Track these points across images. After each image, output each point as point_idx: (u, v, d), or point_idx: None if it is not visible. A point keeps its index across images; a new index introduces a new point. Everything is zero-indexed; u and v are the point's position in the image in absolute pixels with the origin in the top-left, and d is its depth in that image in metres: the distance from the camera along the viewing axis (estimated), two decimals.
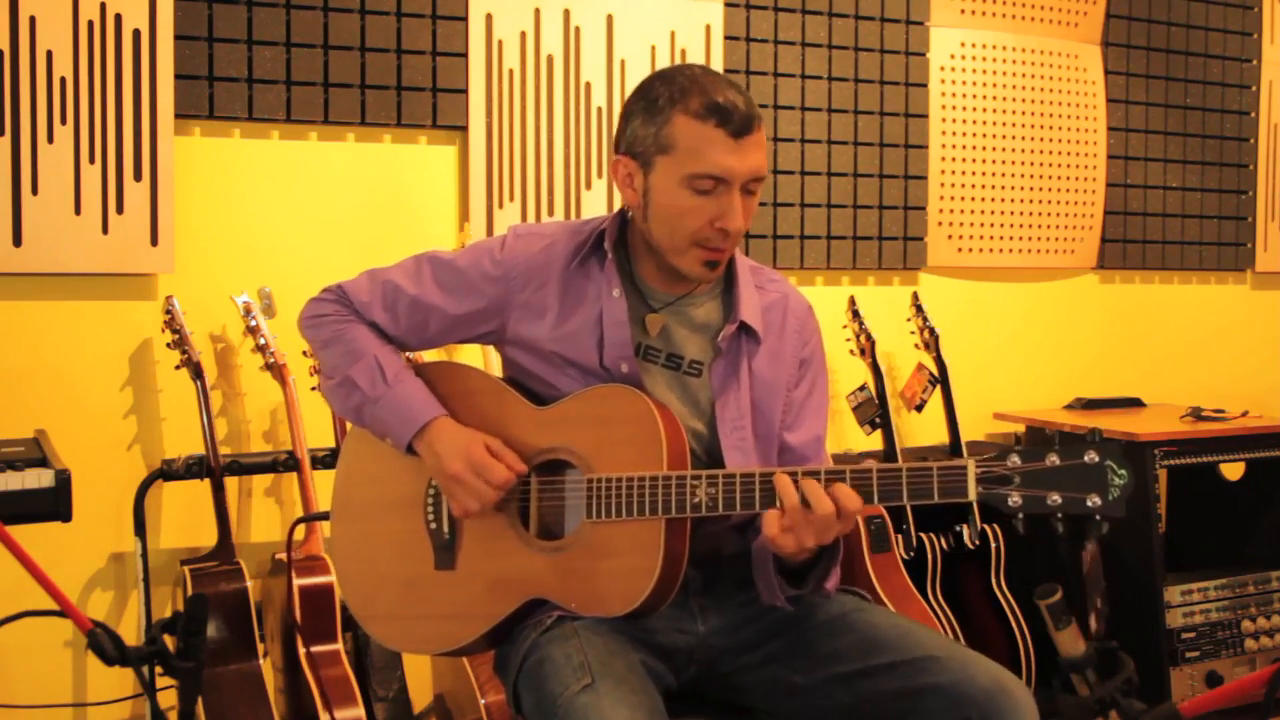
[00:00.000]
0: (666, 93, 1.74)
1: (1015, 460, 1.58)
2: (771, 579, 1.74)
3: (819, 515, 1.59)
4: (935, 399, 3.45)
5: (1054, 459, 1.57)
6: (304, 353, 2.89)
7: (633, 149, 1.78)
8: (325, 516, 2.00)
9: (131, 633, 2.92)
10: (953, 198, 3.79)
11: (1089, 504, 1.55)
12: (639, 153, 1.77)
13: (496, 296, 1.87)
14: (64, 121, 2.79)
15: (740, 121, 1.71)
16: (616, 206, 2.18)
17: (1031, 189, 3.90)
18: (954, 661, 1.67)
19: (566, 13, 3.27)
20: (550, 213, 3.28)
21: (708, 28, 3.43)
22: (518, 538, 1.80)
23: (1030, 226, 3.92)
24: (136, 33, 2.84)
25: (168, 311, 2.83)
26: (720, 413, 1.83)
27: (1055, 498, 1.57)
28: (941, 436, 3.48)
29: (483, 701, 2.68)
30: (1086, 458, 1.56)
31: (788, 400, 1.90)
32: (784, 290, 1.95)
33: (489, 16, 3.19)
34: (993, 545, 3.40)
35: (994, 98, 3.82)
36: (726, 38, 3.46)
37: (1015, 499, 1.58)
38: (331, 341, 1.90)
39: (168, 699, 2.17)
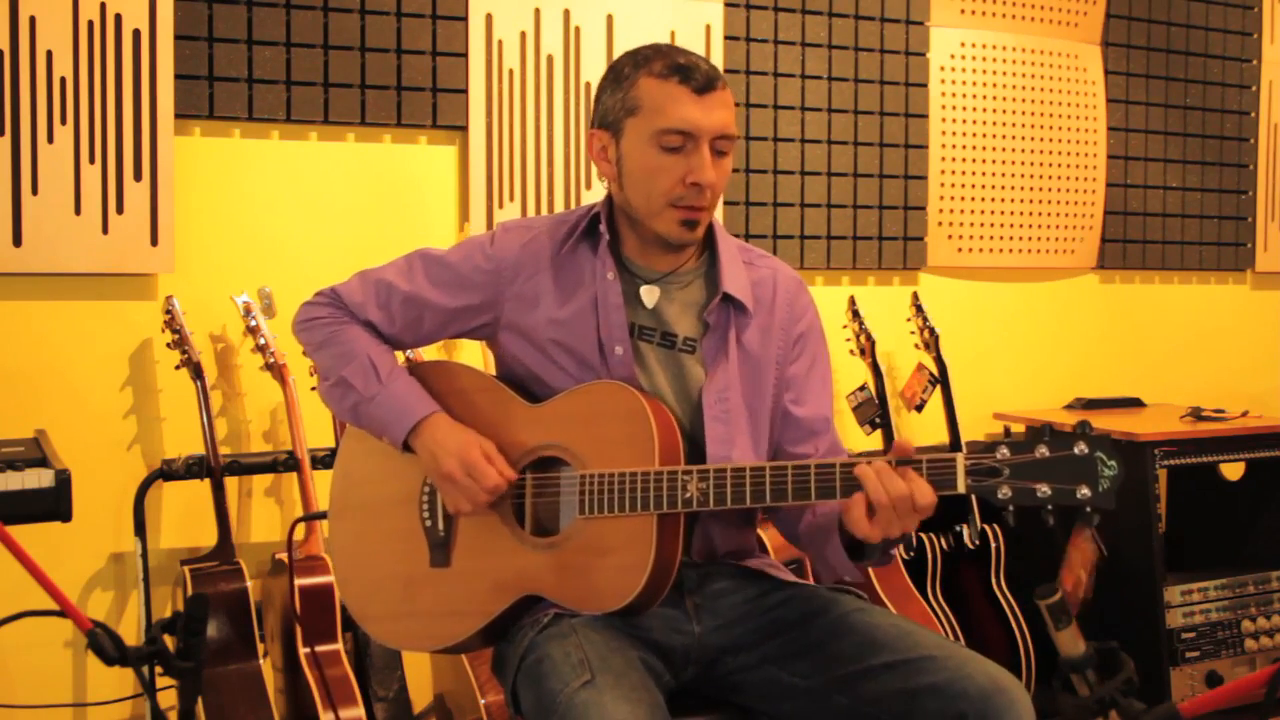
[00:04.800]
0: (631, 62, 1.82)
1: (1004, 452, 1.58)
2: (832, 558, 1.75)
3: (897, 498, 1.59)
4: (935, 399, 3.45)
5: (1043, 451, 1.56)
6: (304, 353, 2.89)
7: (604, 120, 1.83)
8: (323, 515, 2.00)
9: (131, 633, 2.92)
10: (953, 198, 3.79)
11: (1079, 495, 1.54)
12: (610, 122, 1.82)
13: (489, 290, 1.88)
14: (64, 121, 2.79)
15: (702, 79, 1.77)
16: None
17: (1031, 189, 3.90)
18: (951, 661, 1.67)
19: (566, 13, 3.27)
20: (550, 212, 3.27)
21: (708, 28, 3.44)
22: (512, 535, 1.81)
23: (1030, 226, 3.92)
24: (136, 33, 2.84)
25: (168, 311, 2.83)
26: (706, 385, 1.84)
27: (1045, 489, 1.56)
28: (941, 436, 3.48)
29: (483, 701, 2.69)
30: (1076, 449, 1.55)
31: (786, 377, 1.91)
32: (773, 266, 1.96)
33: (489, 16, 3.19)
34: (993, 545, 3.40)
35: (994, 98, 3.83)
36: (726, 38, 3.46)
37: (1005, 491, 1.57)
38: (325, 343, 1.92)
39: (168, 699, 2.17)
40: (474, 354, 3.07)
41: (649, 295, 1.87)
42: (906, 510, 1.60)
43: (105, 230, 2.84)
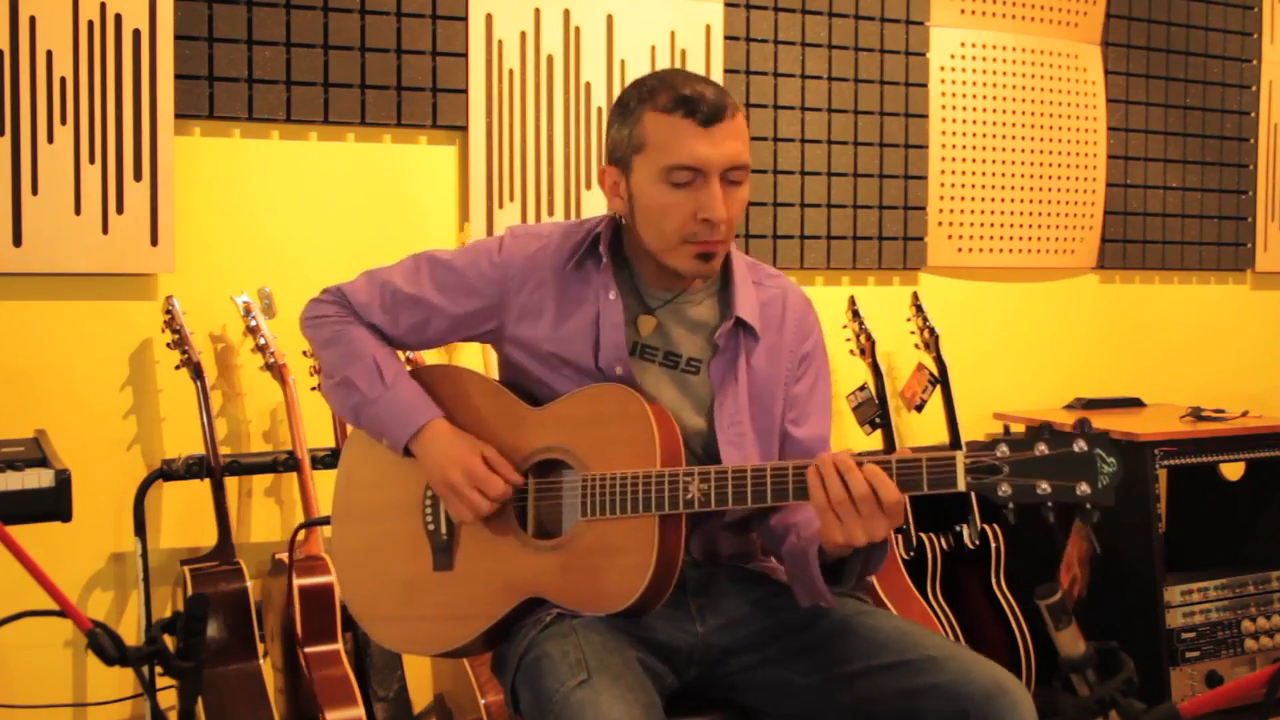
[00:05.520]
0: (637, 95, 1.77)
1: (1004, 450, 1.57)
2: (811, 579, 1.72)
3: (859, 496, 1.57)
4: (935, 399, 3.45)
5: (1042, 448, 1.56)
6: (304, 352, 2.89)
7: (614, 156, 1.80)
8: (326, 521, 2.00)
9: (131, 633, 2.92)
10: (953, 198, 3.79)
11: (1078, 492, 1.54)
12: (619, 158, 1.79)
13: (494, 297, 1.88)
14: (64, 121, 2.79)
15: (709, 109, 1.71)
16: None
17: (1031, 189, 3.90)
18: (953, 662, 1.67)
19: (566, 13, 3.27)
20: (550, 213, 3.28)
21: (708, 28, 3.43)
22: (515, 538, 1.81)
23: (1030, 226, 3.92)
24: (136, 33, 2.84)
25: (168, 311, 2.83)
26: (718, 409, 1.83)
27: (1044, 487, 1.55)
28: (941, 436, 3.48)
29: (483, 701, 2.69)
30: (1075, 446, 1.55)
31: (789, 396, 1.90)
32: (783, 286, 1.95)
33: (489, 16, 3.19)
34: (993, 545, 3.40)
35: (994, 98, 3.83)
36: (726, 38, 3.46)
37: (1005, 489, 1.56)
38: (331, 342, 1.91)
39: (168, 699, 2.17)
40: (474, 357, 3.07)
41: (645, 325, 1.86)
42: (870, 511, 1.58)
43: (105, 230, 2.84)
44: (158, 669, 1.60)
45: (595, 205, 3.31)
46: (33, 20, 2.76)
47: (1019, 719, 1.61)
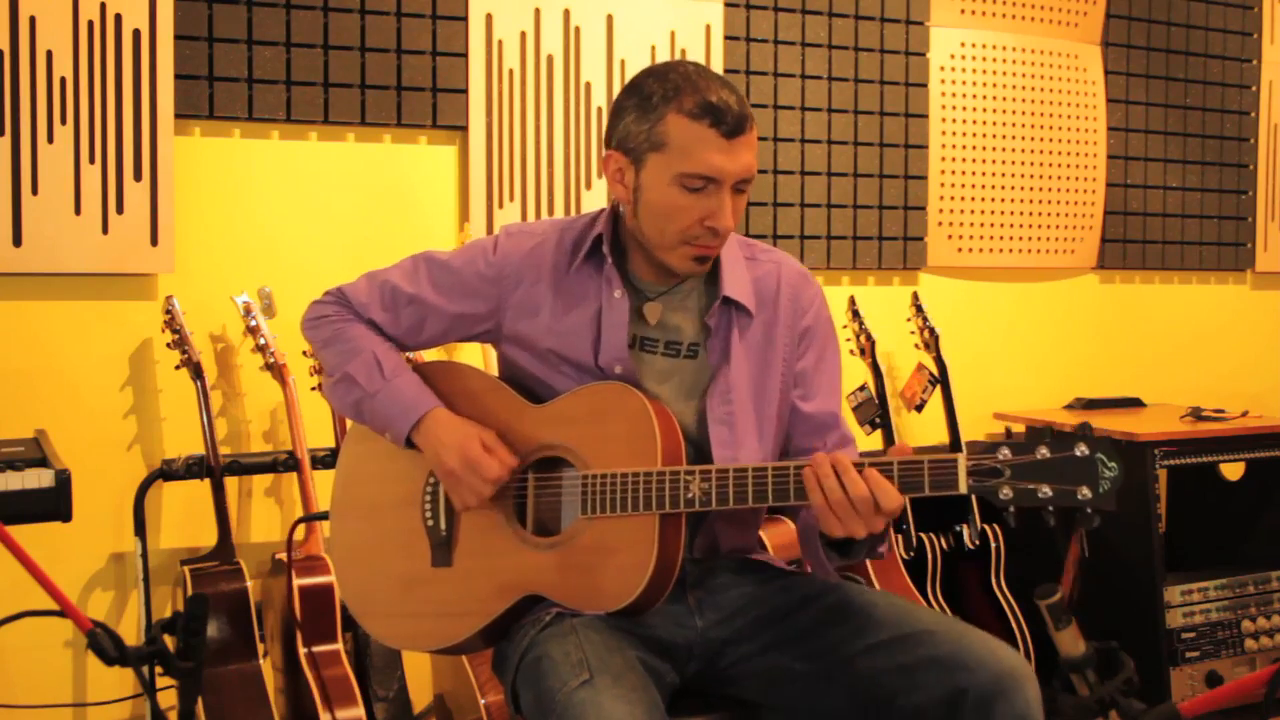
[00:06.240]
0: (660, 90, 1.74)
1: (1006, 453, 1.58)
2: (818, 556, 1.75)
3: (856, 498, 1.59)
4: (935, 399, 3.45)
5: (1044, 452, 1.56)
6: (304, 352, 2.89)
7: (624, 145, 1.79)
8: (325, 516, 2.01)
9: (131, 633, 2.92)
10: (953, 198, 3.79)
11: (1079, 496, 1.55)
12: (631, 149, 1.78)
13: (491, 296, 1.88)
14: (64, 121, 2.79)
15: (733, 122, 1.72)
16: None
17: (1031, 189, 3.90)
18: (950, 634, 1.68)
19: (566, 13, 3.27)
20: (550, 213, 3.28)
21: (708, 28, 3.43)
22: (514, 535, 1.81)
23: (1030, 226, 3.92)
24: (136, 33, 2.84)
25: (168, 311, 2.83)
26: (710, 389, 1.84)
27: (1046, 490, 1.56)
28: (941, 436, 3.48)
29: (483, 701, 2.68)
30: (1077, 450, 1.55)
31: (796, 372, 1.90)
32: (777, 260, 1.94)
33: (489, 16, 3.19)
34: (993, 545, 3.40)
35: (994, 98, 3.83)
36: (726, 38, 3.46)
37: (1006, 492, 1.57)
38: (332, 340, 1.92)
39: (168, 699, 2.17)
40: (474, 355, 3.07)
41: (651, 312, 1.87)
42: (868, 511, 1.59)
43: (105, 230, 2.84)
44: (158, 669, 1.60)
45: (595, 205, 3.31)
46: (33, 20, 2.76)
47: (1019, 692, 1.62)
